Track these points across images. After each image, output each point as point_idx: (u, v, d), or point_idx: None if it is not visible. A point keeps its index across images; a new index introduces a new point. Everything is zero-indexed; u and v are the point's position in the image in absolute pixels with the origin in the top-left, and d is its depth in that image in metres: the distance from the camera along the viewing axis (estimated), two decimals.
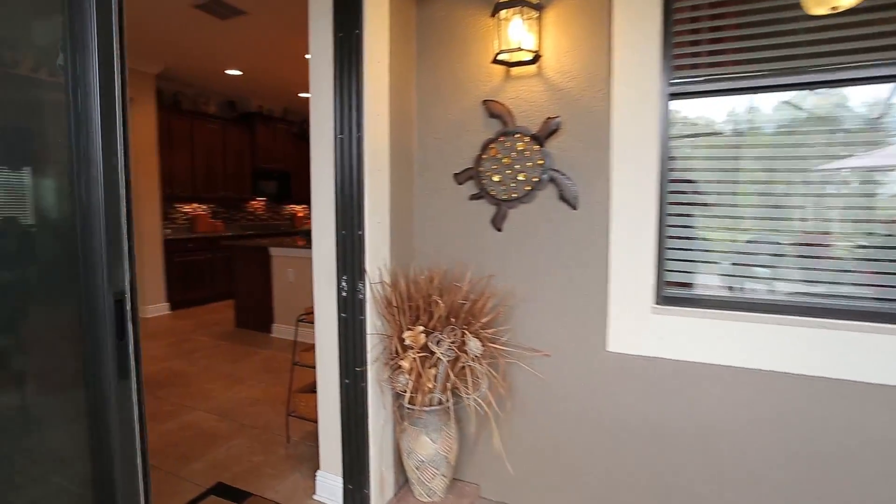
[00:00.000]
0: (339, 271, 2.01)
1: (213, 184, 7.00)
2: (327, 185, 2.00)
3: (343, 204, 1.97)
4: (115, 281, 1.08)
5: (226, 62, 5.63)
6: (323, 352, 2.10)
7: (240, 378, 3.77)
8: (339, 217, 1.98)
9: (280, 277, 4.92)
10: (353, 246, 1.96)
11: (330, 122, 1.97)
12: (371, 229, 1.96)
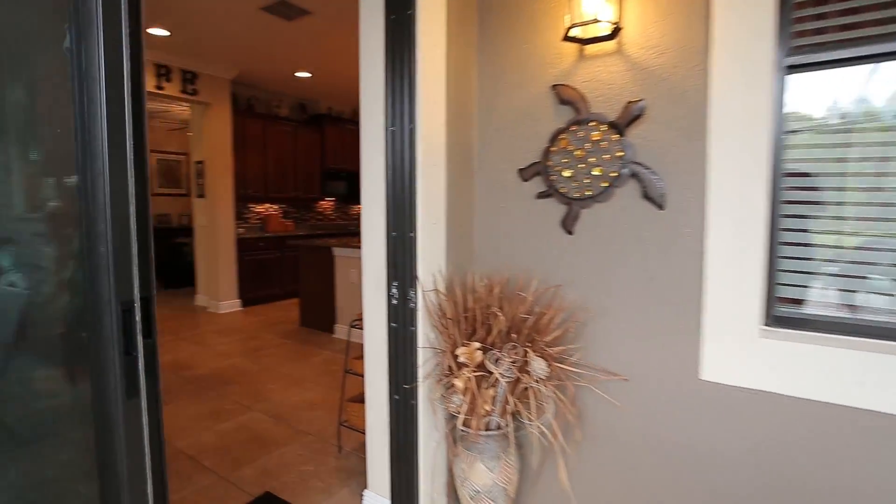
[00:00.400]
0: (389, 277, 1.83)
1: (284, 184, 7.18)
2: (378, 183, 1.84)
3: (394, 203, 1.80)
4: (122, 287, 0.96)
5: (295, 65, 5.71)
6: (371, 363, 1.94)
7: (299, 379, 3.74)
8: (390, 217, 1.81)
9: (343, 277, 4.89)
10: (404, 249, 1.78)
11: (381, 114, 1.80)
12: (424, 231, 1.77)
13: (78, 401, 1.17)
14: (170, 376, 3.81)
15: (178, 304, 6.65)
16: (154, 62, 5.24)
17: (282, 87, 6.81)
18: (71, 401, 1.25)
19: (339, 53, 5.21)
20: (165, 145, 9.12)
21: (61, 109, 0.98)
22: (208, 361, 4.19)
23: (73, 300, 1.15)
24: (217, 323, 5.59)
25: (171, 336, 5.02)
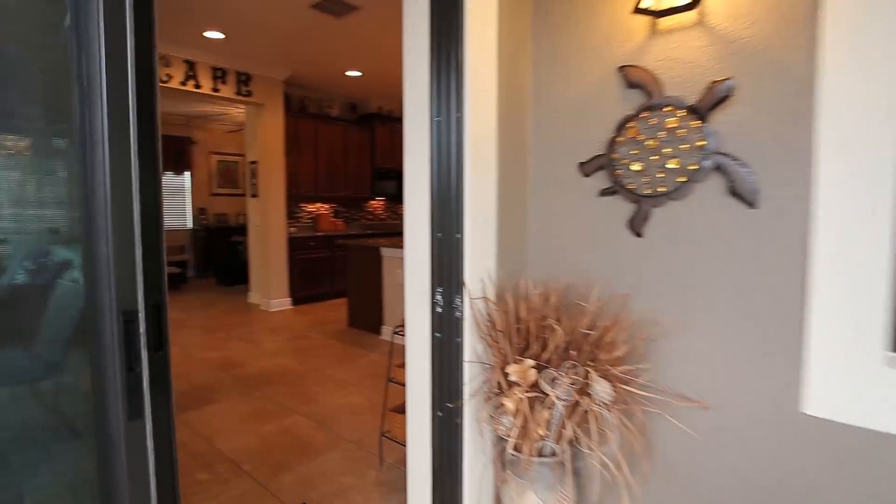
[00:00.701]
0: (434, 282, 1.67)
1: (335, 184, 7.22)
2: (421, 178, 1.68)
3: (439, 200, 1.63)
4: (124, 296, 0.84)
5: (345, 64, 5.69)
6: (413, 376, 1.78)
7: (344, 382, 3.66)
8: (435, 216, 1.64)
9: (390, 278, 4.80)
10: (450, 252, 1.61)
11: (425, 102, 1.64)
12: (473, 232, 1.59)
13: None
14: (220, 374, 3.84)
15: (233, 301, 6.81)
16: (211, 65, 5.36)
17: (333, 87, 6.83)
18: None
19: (388, 50, 5.13)
20: (224, 147, 9.44)
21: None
22: (257, 360, 4.20)
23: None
24: (268, 321, 5.65)
25: (223, 333, 5.11)
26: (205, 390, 3.50)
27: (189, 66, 5.18)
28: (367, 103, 7.59)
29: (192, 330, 5.23)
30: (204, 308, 6.37)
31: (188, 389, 3.52)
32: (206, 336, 4.99)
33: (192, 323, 5.56)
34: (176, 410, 2.81)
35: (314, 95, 7.04)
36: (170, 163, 8.62)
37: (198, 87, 5.26)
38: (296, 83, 6.51)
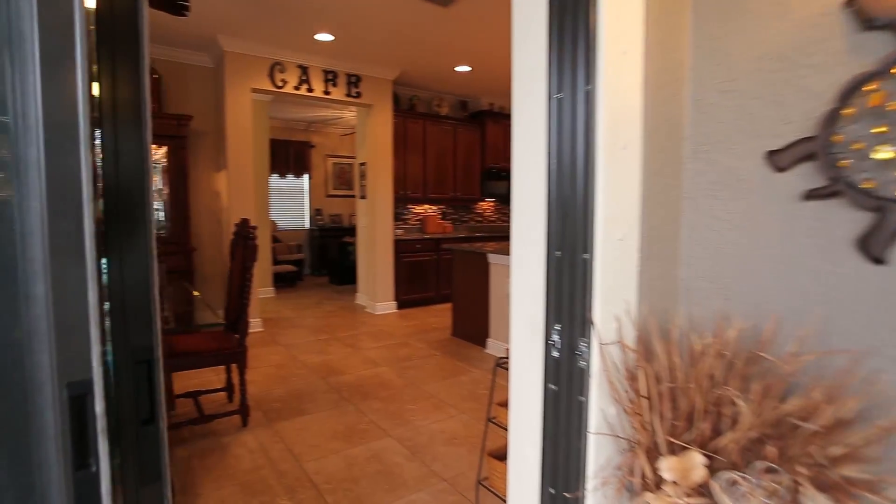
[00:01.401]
0: (550, 315, 1.24)
1: (443, 185, 7.01)
2: (534, 177, 1.26)
3: (559, 207, 1.20)
4: (69, 363, 0.55)
5: (454, 58, 5.41)
6: (517, 438, 1.36)
7: (442, 402, 3.34)
8: (552, 228, 1.21)
9: (498, 287, 4.41)
10: (573, 277, 1.17)
11: (540, 73, 1.21)
12: (605, 251, 1.13)
13: None
14: (317, 381, 3.74)
15: (341, 301, 6.91)
16: (322, 68, 5.39)
17: (442, 85, 6.61)
18: None
19: (500, 41, 4.74)
20: (339, 150, 9.76)
21: None
22: (356, 368, 4.06)
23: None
24: (372, 324, 5.57)
25: (327, 335, 5.10)
26: (300, 398, 3.40)
27: (302, 71, 5.25)
28: (478, 100, 7.28)
29: (299, 330, 5.31)
30: (313, 307, 6.51)
31: (285, 395, 3.45)
32: (310, 337, 5.02)
33: (301, 322, 5.66)
34: (270, 419, 2.65)
35: (423, 94, 6.89)
36: (291, 166, 9.09)
37: (310, 90, 5.32)
38: (405, 83, 6.39)
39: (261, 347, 4.64)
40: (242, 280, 2.92)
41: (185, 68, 5.21)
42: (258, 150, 6.83)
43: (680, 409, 1.02)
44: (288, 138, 9.05)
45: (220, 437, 2.83)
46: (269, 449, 2.69)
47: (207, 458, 2.59)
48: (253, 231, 2.90)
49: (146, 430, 0.68)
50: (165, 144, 4.79)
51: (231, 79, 4.89)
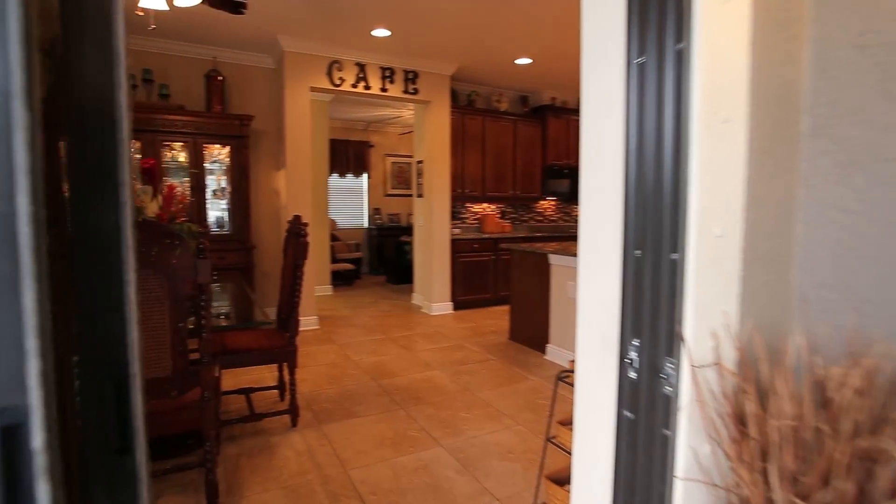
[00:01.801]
0: (626, 328, 1.02)
1: (502, 183, 6.79)
2: (607, 160, 1.04)
3: (638, 197, 0.98)
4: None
5: (515, 50, 5.18)
6: (583, 469, 1.15)
7: (498, 411, 3.15)
8: (630, 223, 1.00)
9: (559, 290, 4.15)
10: (657, 282, 0.95)
11: (617, 34, 1.00)
12: (700, 250, 0.90)
13: None
14: (369, 382, 3.65)
15: (397, 301, 6.86)
16: (379, 65, 5.34)
17: (502, 79, 6.39)
18: None
19: (562, 30, 4.46)
20: (398, 149, 9.76)
21: None
22: (409, 370, 3.94)
23: None
24: (427, 325, 5.46)
25: (382, 335, 5.04)
26: (351, 400, 3.32)
27: (359, 69, 5.23)
28: (539, 94, 6.99)
29: (354, 329, 5.28)
30: (369, 306, 6.50)
31: (336, 396, 3.38)
32: (365, 336, 4.97)
33: (356, 321, 5.65)
34: (319, 420, 2.55)
35: (482, 90, 6.70)
36: (350, 165, 9.19)
37: (367, 88, 5.29)
38: (463, 78, 6.24)
39: (315, 345, 4.64)
40: (294, 278, 2.86)
41: (248, 70, 5.33)
42: (318, 150, 6.93)
43: (809, 460, 0.77)
44: (347, 138, 9.16)
45: (270, 436, 2.79)
46: (316, 452, 2.61)
47: (255, 458, 2.55)
48: (304, 228, 2.84)
49: (118, 462, 0.55)
50: (228, 144, 4.91)
51: (290, 78, 4.93)
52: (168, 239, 1.85)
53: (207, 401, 2.03)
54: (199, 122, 4.74)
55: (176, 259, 1.87)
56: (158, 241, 1.83)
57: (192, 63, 5.04)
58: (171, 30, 4.59)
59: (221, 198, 5.07)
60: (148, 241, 1.82)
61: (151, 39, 4.79)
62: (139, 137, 4.53)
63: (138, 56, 4.83)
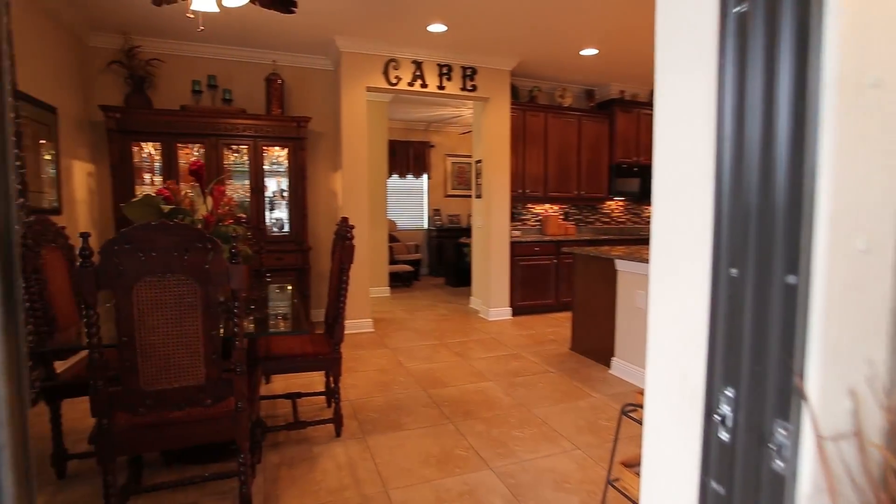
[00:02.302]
0: (714, 372, 0.76)
1: (566, 182, 6.43)
2: (688, 145, 0.78)
3: (736, 195, 0.71)
4: None
5: (579, 40, 4.84)
6: None
7: (554, 431, 2.87)
8: (724, 230, 0.73)
9: (627, 299, 3.79)
10: (763, 313, 0.68)
11: None
12: (834, 270, 0.63)
13: None
14: (419, 392, 3.49)
15: (455, 304, 6.69)
16: (436, 62, 5.19)
17: (565, 73, 6.04)
18: None
19: (630, 15, 4.08)
20: (458, 149, 9.60)
21: None
22: (461, 380, 3.74)
23: None
24: (483, 331, 5.24)
25: (436, 340, 4.87)
26: (399, 410, 3.17)
27: (416, 67, 5.10)
28: (607, 88, 6.56)
29: (409, 333, 5.16)
30: (426, 309, 6.37)
31: (383, 405, 3.25)
32: (419, 341, 4.83)
33: (411, 324, 5.52)
34: (364, 431, 2.41)
35: (545, 85, 6.38)
36: (410, 166, 9.14)
37: (424, 86, 5.15)
38: (524, 73, 5.95)
39: (368, 349, 4.56)
40: (339, 282, 2.75)
41: (306, 72, 5.36)
42: (377, 151, 6.90)
43: None
44: (408, 139, 9.12)
45: (313, 445, 2.69)
46: (357, 467, 2.47)
47: (296, 468, 2.45)
48: (351, 231, 2.71)
49: None
50: (286, 146, 4.95)
51: (347, 79, 4.89)
52: (200, 243, 1.77)
53: (241, 411, 1.94)
54: (259, 124, 4.81)
55: (209, 264, 1.79)
56: (190, 245, 1.75)
57: (254, 68, 5.14)
58: (234, 36, 4.68)
59: (280, 199, 5.13)
60: (180, 245, 1.74)
61: (215, 46, 4.93)
62: (203, 141, 4.66)
63: (204, 63, 4.98)
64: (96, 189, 4.73)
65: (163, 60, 4.81)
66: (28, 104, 3.60)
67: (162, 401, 1.84)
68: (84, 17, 4.29)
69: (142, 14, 4.19)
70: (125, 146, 4.47)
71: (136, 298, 1.74)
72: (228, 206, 2.57)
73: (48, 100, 3.89)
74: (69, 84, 4.29)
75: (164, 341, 1.80)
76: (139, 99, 4.59)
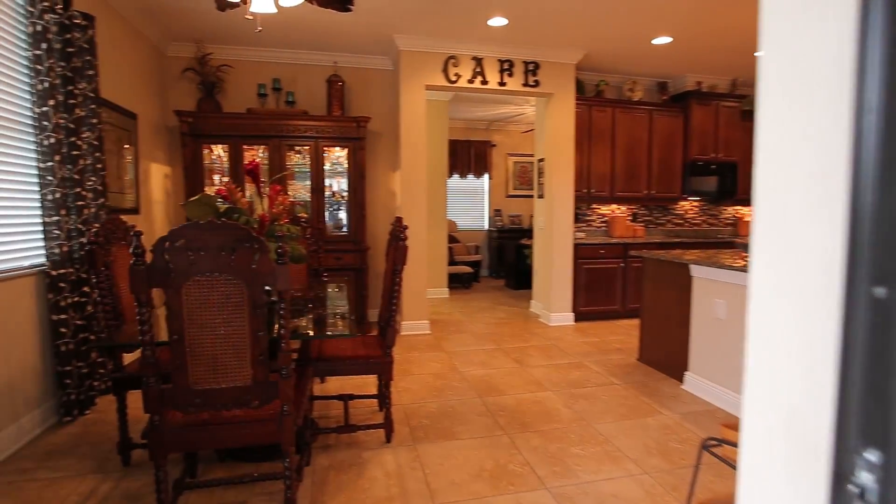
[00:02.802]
0: (847, 426, 0.56)
1: (634, 181, 6.05)
2: (809, 122, 0.59)
3: (880, 193, 0.52)
4: None
5: (652, 27, 4.50)
6: None
7: (618, 451, 2.63)
8: (861, 236, 0.54)
9: (703, 308, 3.45)
10: None
11: None
12: None
13: None
14: (473, 399, 3.35)
15: (514, 307, 6.49)
16: (497, 58, 5.02)
17: (635, 65, 5.67)
18: None
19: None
20: (520, 148, 9.37)
21: None
22: (518, 388, 3.56)
23: None
24: (543, 337, 5.01)
25: (494, 344, 4.71)
26: (452, 417, 3.04)
27: (476, 63, 4.97)
28: (681, 79, 6.11)
29: (466, 336, 5.03)
30: (484, 312, 6.22)
31: (436, 412, 3.14)
32: (476, 345, 4.69)
33: (469, 327, 5.40)
34: (415, 438, 2.31)
35: (612, 78, 6.04)
36: (471, 166, 9.02)
37: (485, 82, 5.01)
38: (590, 67, 5.66)
39: (423, 352, 4.48)
40: (392, 284, 2.67)
41: (366, 73, 5.38)
42: (437, 151, 6.84)
43: None
44: (468, 138, 9.01)
45: (363, 450, 2.63)
46: (406, 477, 2.37)
47: (344, 474, 2.39)
48: (404, 231, 2.63)
49: None
50: (346, 147, 4.98)
51: (406, 78, 4.85)
52: (248, 243, 1.73)
53: (286, 415, 1.89)
54: (320, 125, 4.87)
55: (256, 264, 1.75)
56: (238, 245, 1.72)
57: (316, 70, 5.23)
58: (297, 39, 4.78)
59: (339, 199, 5.18)
60: (227, 244, 1.71)
61: (280, 50, 5.06)
62: (267, 143, 4.79)
63: (269, 67, 5.13)
64: (171, 190, 4.99)
65: (232, 66, 5.00)
66: (113, 112, 3.83)
67: (210, 400, 1.82)
68: (164, 30, 4.53)
69: (213, 23, 4.36)
70: (196, 149, 4.68)
71: (185, 297, 1.73)
72: (283, 205, 2.56)
73: (130, 107, 4.13)
74: (149, 91, 4.54)
75: (212, 341, 1.78)
76: (210, 103, 4.80)
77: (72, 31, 3.06)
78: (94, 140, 3.30)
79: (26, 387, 2.76)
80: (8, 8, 2.71)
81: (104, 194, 3.39)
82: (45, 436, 2.79)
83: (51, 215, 2.88)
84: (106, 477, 2.37)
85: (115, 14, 3.89)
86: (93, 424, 2.95)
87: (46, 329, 2.92)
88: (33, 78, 2.81)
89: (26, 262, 2.82)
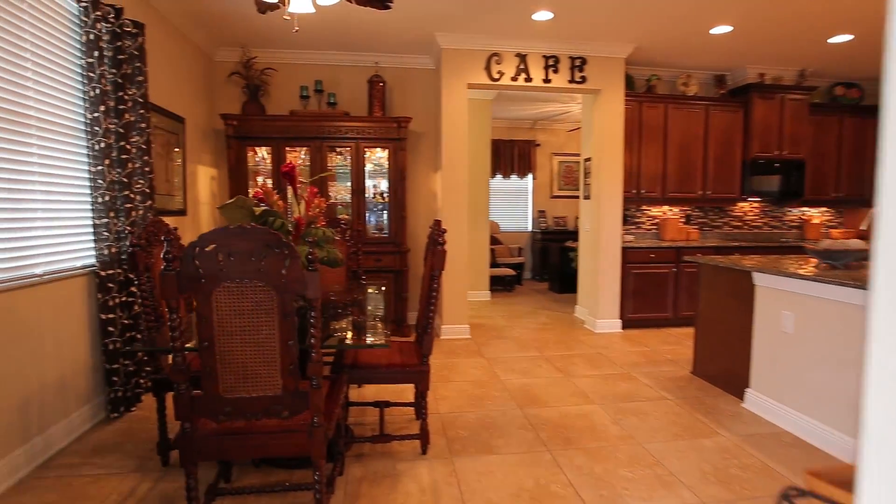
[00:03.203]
0: None
1: (688, 181, 5.71)
2: None
3: None
4: None
5: (711, 15, 4.19)
6: None
7: (671, 475, 2.42)
8: None
9: (767, 320, 3.16)
10: None
11: None
12: None
13: None
14: (514, 410, 3.20)
15: (558, 312, 6.26)
16: (541, 54, 4.84)
17: (691, 57, 5.33)
18: None
19: None
20: (566, 147, 9.09)
21: None
22: (561, 400, 3.39)
23: None
24: (589, 345, 4.78)
25: (536, 352, 4.53)
26: (490, 429, 2.91)
27: (520, 60, 4.80)
28: (742, 71, 5.70)
29: (507, 342, 4.87)
30: (527, 316, 6.03)
31: (474, 422, 3.01)
32: (517, 352, 4.52)
33: (510, 333, 5.23)
34: (452, 451, 2.19)
35: (665, 73, 5.72)
36: (515, 166, 8.83)
37: (528, 80, 4.83)
38: (640, 61, 5.37)
39: (463, 357, 4.36)
40: (430, 289, 2.57)
41: (408, 72, 5.32)
42: (480, 151, 6.70)
43: None
44: (512, 138, 8.82)
45: (398, 461, 2.54)
46: (441, 493, 2.26)
47: (377, 486, 2.30)
48: (443, 235, 2.52)
49: None
50: (387, 147, 4.93)
51: (448, 76, 4.75)
52: (277, 248, 1.67)
53: (317, 427, 1.82)
54: (361, 126, 4.85)
55: (286, 270, 1.69)
56: (267, 251, 1.67)
57: (357, 71, 5.21)
58: (338, 40, 4.77)
59: (380, 201, 5.14)
60: (256, 249, 1.66)
61: (322, 52, 5.07)
62: (308, 144, 4.81)
63: (311, 69, 5.16)
64: (217, 192, 5.11)
65: (275, 69, 5.06)
66: (162, 116, 3.93)
67: (240, 409, 1.78)
68: (210, 35, 4.63)
69: (257, 27, 4.41)
70: (241, 151, 4.76)
71: (215, 303, 1.69)
72: (319, 207, 2.51)
73: (178, 111, 4.24)
74: (196, 96, 4.65)
75: (241, 349, 1.74)
76: (254, 106, 4.87)
77: (123, 38, 3.14)
78: (142, 144, 3.38)
79: (77, 383, 2.85)
80: (64, 18, 2.81)
81: (151, 196, 3.47)
82: (93, 431, 2.87)
83: (101, 217, 2.96)
84: (145, 476, 2.39)
85: (165, 21, 3.99)
86: (137, 422, 3.01)
87: (96, 327, 3.01)
88: (86, 84, 2.89)
89: (78, 262, 2.90)
